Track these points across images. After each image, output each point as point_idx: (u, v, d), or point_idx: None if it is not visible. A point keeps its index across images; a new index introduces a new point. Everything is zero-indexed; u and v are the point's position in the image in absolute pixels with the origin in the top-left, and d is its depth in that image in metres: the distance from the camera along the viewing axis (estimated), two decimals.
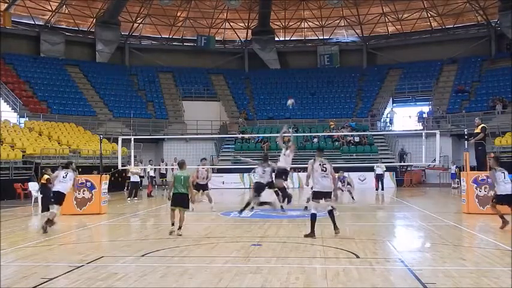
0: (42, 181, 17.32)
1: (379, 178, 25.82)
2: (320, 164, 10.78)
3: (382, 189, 25.62)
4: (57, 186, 12.51)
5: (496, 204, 12.05)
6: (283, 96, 41.19)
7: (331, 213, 10.85)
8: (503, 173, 12.08)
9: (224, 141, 35.51)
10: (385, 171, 26.69)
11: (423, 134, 17.14)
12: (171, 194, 11.32)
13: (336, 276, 7.35)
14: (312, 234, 10.63)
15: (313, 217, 10.70)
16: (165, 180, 27.87)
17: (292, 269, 7.79)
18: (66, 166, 13.16)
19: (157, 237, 11.42)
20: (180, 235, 10.91)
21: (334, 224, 10.81)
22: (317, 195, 10.76)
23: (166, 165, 27.16)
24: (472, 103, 35.61)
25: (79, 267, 8.07)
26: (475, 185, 14.94)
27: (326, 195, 10.76)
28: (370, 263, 8.29)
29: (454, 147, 31.41)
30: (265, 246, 9.88)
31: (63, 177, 12.54)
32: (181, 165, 11.49)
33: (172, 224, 11.14)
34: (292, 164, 16.42)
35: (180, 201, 11.12)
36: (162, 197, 22.77)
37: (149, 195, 24.24)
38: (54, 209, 12.42)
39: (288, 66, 44.55)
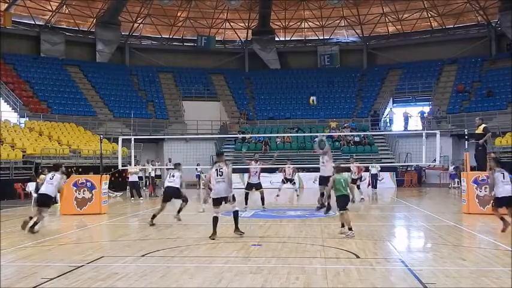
0: (39, 181, 17.40)
1: (374, 177, 26.08)
2: (216, 170, 10.94)
3: (375, 187, 25.77)
4: (42, 189, 12.40)
5: (497, 208, 11.51)
6: (283, 96, 41.29)
7: (235, 213, 10.96)
8: (503, 173, 11.53)
9: (224, 141, 35.50)
10: (380, 171, 26.85)
11: (423, 134, 17.11)
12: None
13: (336, 276, 7.35)
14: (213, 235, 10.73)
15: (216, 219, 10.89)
16: None
17: (293, 269, 7.79)
18: (55, 168, 12.88)
19: (157, 237, 11.41)
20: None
21: (236, 224, 10.91)
22: (215, 202, 10.95)
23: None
24: (472, 103, 35.60)
25: (79, 267, 8.06)
26: (475, 185, 14.93)
27: (223, 200, 10.93)
28: (370, 263, 8.29)
29: (454, 147, 31.42)
30: (265, 246, 9.87)
31: (50, 178, 12.34)
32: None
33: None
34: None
35: None
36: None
37: (151, 195, 24.24)
38: (44, 212, 12.25)
39: (288, 66, 44.54)
